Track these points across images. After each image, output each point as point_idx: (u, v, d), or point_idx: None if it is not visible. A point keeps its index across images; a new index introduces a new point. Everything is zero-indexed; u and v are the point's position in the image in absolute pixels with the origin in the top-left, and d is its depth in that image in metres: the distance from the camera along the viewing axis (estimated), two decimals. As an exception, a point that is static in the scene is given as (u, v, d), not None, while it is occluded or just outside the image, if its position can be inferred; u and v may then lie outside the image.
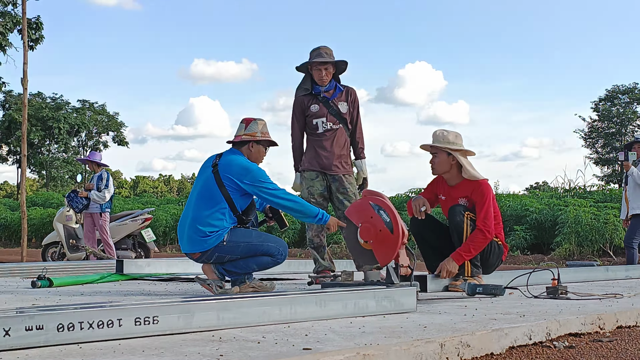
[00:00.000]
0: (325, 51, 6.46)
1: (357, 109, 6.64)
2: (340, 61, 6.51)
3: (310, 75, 6.52)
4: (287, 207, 5.22)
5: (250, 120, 5.40)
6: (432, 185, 5.80)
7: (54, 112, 47.44)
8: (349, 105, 6.56)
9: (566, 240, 14.62)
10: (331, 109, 6.47)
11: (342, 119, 6.51)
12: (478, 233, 5.37)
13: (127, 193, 70.68)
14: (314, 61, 6.41)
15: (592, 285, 6.62)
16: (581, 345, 3.63)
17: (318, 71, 6.44)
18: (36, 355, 2.68)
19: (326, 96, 6.50)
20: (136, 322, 3.11)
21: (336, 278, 5.35)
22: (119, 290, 5.99)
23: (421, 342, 3.03)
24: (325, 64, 6.42)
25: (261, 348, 2.87)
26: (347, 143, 6.58)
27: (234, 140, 5.36)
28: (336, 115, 6.49)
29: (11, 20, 21.17)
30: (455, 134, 5.60)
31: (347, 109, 6.54)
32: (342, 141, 6.52)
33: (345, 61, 6.49)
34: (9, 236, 26.16)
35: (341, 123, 6.51)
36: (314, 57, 6.45)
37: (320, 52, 6.45)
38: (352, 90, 6.63)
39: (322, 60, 6.39)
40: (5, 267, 7.94)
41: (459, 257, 5.36)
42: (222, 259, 5.23)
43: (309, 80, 6.53)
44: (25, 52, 13.33)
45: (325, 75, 6.45)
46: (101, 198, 10.86)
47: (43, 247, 13.01)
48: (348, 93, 6.58)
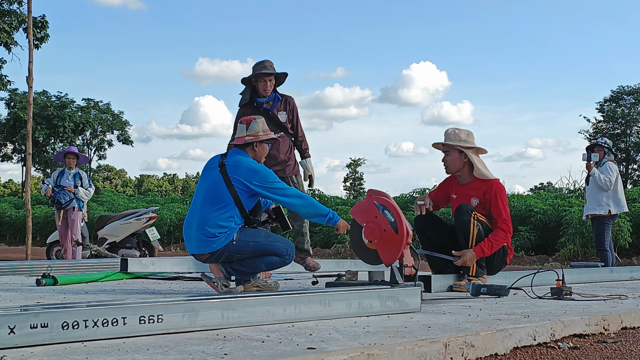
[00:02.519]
0: (269, 64, 7.01)
1: (296, 116, 7.21)
2: (281, 73, 7.05)
3: (252, 87, 7.03)
4: (298, 206, 5.21)
5: (249, 120, 5.39)
6: (443, 184, 5.82)
7: (59, 110, 47.47)
8: (288, 113, 7.12)
9: (570, 241, 14.59)
10: (271, 119, 6.93)
11: (283, 127, 7.04)
12: (500, 231, 5.45)
13: (131, 192, 70.75)
14: (260, 72, 6.91)
15: (596, 286, 6.61)
16: (585, 346, 3.63)
17: (263, 82, 6.95)
18: (41, 353, 2.68)
19: (266, 107, 7.02)
20: (141, 320, 3.12)
21: (340, 278, 5.35)
22: (123, 289, 6.00)
23: (425, 342, 3.03)
24: (269, 75, 6.94)
25: (265, 347, 2.87)
26: (291, 148, 7.15)
27: (237, 143, 5.35)
28: (276, 124, 6.99)
29: (16, 18, 21.20)
30: (467, 132, 5.62)
31: (286, 118, 7.10)
32: (286, 147, 7.07)
33: (286, 73, 7.06)
34: (14, 234, 26.23)
35: (282, 131, 7.03)
36: (259, 69, 6.95)
37: (265, 65, 6.98)
38: (290, 99, 7.19)
39: (267, 72, 6.91)
40: (10, 265, 7.96)
41: (481, 251, 5.39)
42: (231, 258, 5.23)
43: (249, 93, 7.04)
44: (31, 50, 13.33)
45: (269, 85, 6.97)
46: (87, 195, 10.85)
47: (47, 245, 13.02)
48: (286, 102, 7.15)
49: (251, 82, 7.03)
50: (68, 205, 10.78)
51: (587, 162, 8.98)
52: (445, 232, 5.64)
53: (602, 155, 9.10)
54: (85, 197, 10.84)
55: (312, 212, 5.24)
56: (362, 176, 56.66)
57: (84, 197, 10.82)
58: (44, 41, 21.00)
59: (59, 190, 10.75)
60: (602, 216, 9.02)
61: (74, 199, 10.77)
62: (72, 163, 10.96)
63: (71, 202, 10.77)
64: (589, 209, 9.15)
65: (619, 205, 9.01)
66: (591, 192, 9.11)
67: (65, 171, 10.93)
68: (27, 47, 13.33)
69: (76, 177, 10.84)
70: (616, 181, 8.98)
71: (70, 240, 10.77)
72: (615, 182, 8.97)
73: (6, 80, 23.62)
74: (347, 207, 19.75)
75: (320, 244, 19.14)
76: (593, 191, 9.07)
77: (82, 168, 11.17)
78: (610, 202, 8.96)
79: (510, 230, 5.50)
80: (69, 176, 10.86)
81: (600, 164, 9.08)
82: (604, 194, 8.97)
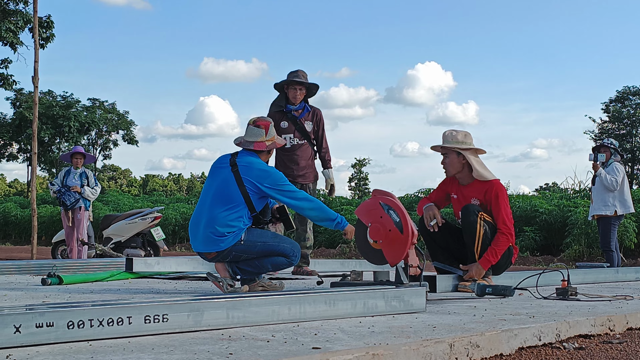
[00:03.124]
0: (302, 74, 7.43)
1: (322, 128, 7.68)
2: (313, 84, 7.46)
3: (284, 94, 7.48)
4: (307, 209, 5.22)
5: (267, 124, 5.37)
6: (443, 184, 5.80)
7: (64, 110, 47.55)
8: (315, 124, 7.60)
9: (576, 242, 14.57)
10: (298, 127, 7.46)
11: (307, 135, 7.53)
12: (501, 236, 5.40)
13: (136, 191, 70.82)
14: (292, 80, 7.36)
15: (601, 286, 6.60)
16: (591, 346, 3.62)
17: (293, 90, 7.42)
18: (46, 352, 2.69)
19: (295, 115, 7.48)
20: (146, 320, 3.12)
21: (345, 278, 5.36)
22: (128, 288, 6.00)
23: (430, 342, 3.02)
24: (301, 84, 7.40)
25: (270, 347, 2.87)
26: (312, 156, 7.65)
27: (256, 149, 5.33)
28: (302, 132, 7.50)
29: (22, 18, 21.22)
30: (464, 133, 5.60)
31: (311, 128, 7.57)
32: (307, 155, 7.57)
33: (317, 85, 7.47)
34: (19, 234, 26.28)
35: (306, 139, 7.53)
36: (292, 77, 7.40)
37: (297, 74, 7.41)
38: (318, 111, 7.66)
39: (298, 81, 7.37)
40: (16, 265, 7.97)
41: (487, 262, 5.38)
42: (238, 258, 5.23)
43: (283, 99, 7.49)
44: (36, 50, 13.36)
45: (299, 94, 7.43)
46: (94, 194, 10.85)
47: (53, 244, 13.04)
48: (314, 114, 7.61)
49: (283, 89, 7.45)
50: (74, 206, 10.78)
51: (593, 162, 9.01)
52: (450, 232, 5.63)
53: (608, 156, 9.12)
54: (92, 197, 10.85)
55: (321, 216, 5.25)
56: (367, 176, 56.72)
57: (90, 197, 10.83)
58: (50, 41, 21.03)
59: (65, 191, 10.74)
60: (608, 217, 9.02)
61: (80, 199, 10.78)
62: (79, 163, 10.98)
63: (77, 202, 10.77)
64: (595, 209, 9.16)
65: (625, 206, 9.01)
66: (597, 193, 9.12)
67: (72, 170, 10.94)
68: (33, 47, 13.37)
69: (82, 177, 10.84)
70: (622, 182, 9.00)
71: (76, 240, 10.78)
72: (622, 182, 8.98)
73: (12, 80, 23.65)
74: (352, 207, 19.76)
75: (325, 244, 19.15)
76: (599, 191, 9.09)
77: (88, 167, 11.13)
78: (617, 203, 8.97)
79: (512, 232, 5.46)
80: (75, 175, 10.86)
81: (607, 165, 9.10)
82: (610, 194, 8.98)
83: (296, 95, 7.42)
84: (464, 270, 5.44)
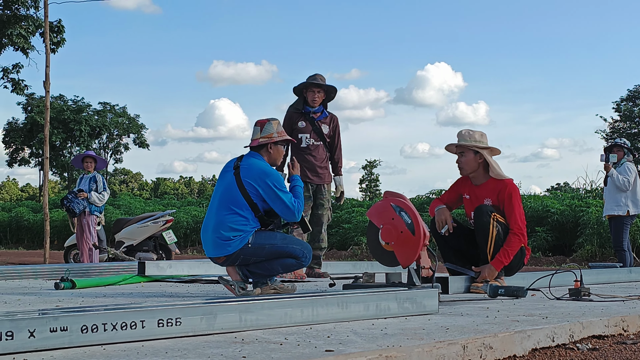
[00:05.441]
0: (320, 78, 7.60)
1: (338, 134, 7.86)
2: (331, 87, 7.62)
3: (303, 98, 7.64)
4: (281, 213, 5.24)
5: (264, 122, 5.39)
6: (456, 185, 5.78)
7: (76, 114, 47.68)
8: (331, 129, 7.77)
9: (588, 242, 14.51)
10: (315, 127, 7.62)
11: (323, 137, 7.68)
12: (513, 237, 5.38)
13: (147, 195, 70.98)
14: (310, 83, 7.53)
15: (614, 287, 6.57)
16: (605, 347, 3.61)
17: (312, 93, 7.58)
18: (60, 356, 2.70)
19: (313, 117, 7.65)
20: (159, 323, 3.13)
21: (357, 280, 5.35)
22: (141, 292, 6.02)
23: (443, 344, 3.02)
24: (319, 86, 7.57)
25: (284, 350, 2.87)
26: (326, 158, 7.76)
27: (251, 145, 5.36)
28: (318, 134, 7.65)
29: (33, 23, 21.30)
30: (480, 132, 5.60)
31: (328, 131, 7.72)
32: (322, 156, 7.69)
33: (335, 88, 7.64)
34: (32, 238, 26.37)
35: (321, 141, 7.67)
36: (311, 80, 7.56)
37: (316, 77, 7.58)
38: (335, 117, 7.84)
39: (317, 83, 7.54)
40: (29, 269, 8.00)
41: (499, 264, 5.36)
42: (247, 261, 5.24)
43: (301, 103, 7.65)
44: (47, 55, 13.42)
45: (318, 97, 7.59)
46: (100, 199, 10.78)
47: (65, 248, 13.07)
48: (332, 119, 7.80)
49: (302, 92, 7.63)
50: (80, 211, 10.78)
51: (605, 162, 9.00)
52: (462, 233, 5.61)
53: (621, 156, 9.12)
54: (98, 202, 10.73)
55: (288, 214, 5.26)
56: (378, 177, 56.72)
57: (97, 202, 10.71)
58: (61, 45, 21.07)
59: (72, 198, 10.67)
60: (620, 216, 9.00)
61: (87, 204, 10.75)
62: (90, 167, 10.92)
63: (84, 208, 10.76)
64: (607, 209, 9.17)
65: (638, 205, 8.99)
66: (609, 193, 9.11)
67: (85, 176, 10.94)
68: (44, 51, 13.42)
69: (91, 181, 10.78)
70: (635, 181, 8.97)
71: (86, 244, 10.78)
72: (634, 182, 8.96)
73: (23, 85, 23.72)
74: (363, 209, 19.74)
75: (336, 245, 19.13)
76: (611, 192, 9.08)
77: (100, 172, 11.08)
78: (629, 203, 8.96)
79: (524, 233, 5.44)
80: (85, 181, 10.86)
81: (619, 165, 9.09)
82: (622, 194, 8.96)
83: (314, 98, 7.58)
84: (476, 271, 5.43)
